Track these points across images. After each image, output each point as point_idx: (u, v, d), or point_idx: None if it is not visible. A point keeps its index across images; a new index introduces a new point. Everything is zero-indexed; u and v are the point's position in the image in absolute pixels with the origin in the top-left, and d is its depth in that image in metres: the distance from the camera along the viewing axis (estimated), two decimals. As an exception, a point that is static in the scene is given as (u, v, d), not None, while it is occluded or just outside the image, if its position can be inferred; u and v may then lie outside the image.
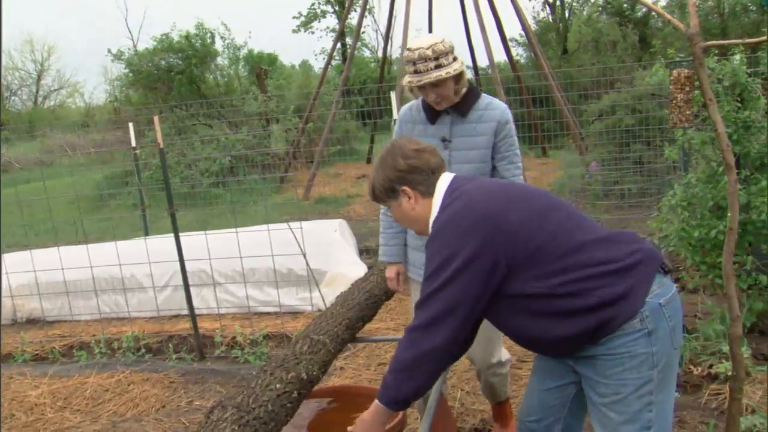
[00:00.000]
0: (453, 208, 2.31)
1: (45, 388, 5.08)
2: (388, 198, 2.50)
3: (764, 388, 3.98)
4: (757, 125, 4.47)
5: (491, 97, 3.31)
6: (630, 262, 2.21)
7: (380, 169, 2.49)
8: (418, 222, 2.49)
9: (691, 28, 2.61)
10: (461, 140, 3.23)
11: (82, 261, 6.17)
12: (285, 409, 2.34)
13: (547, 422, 2.55)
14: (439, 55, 3.01)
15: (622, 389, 2.22)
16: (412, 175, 2.43)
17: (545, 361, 2.55)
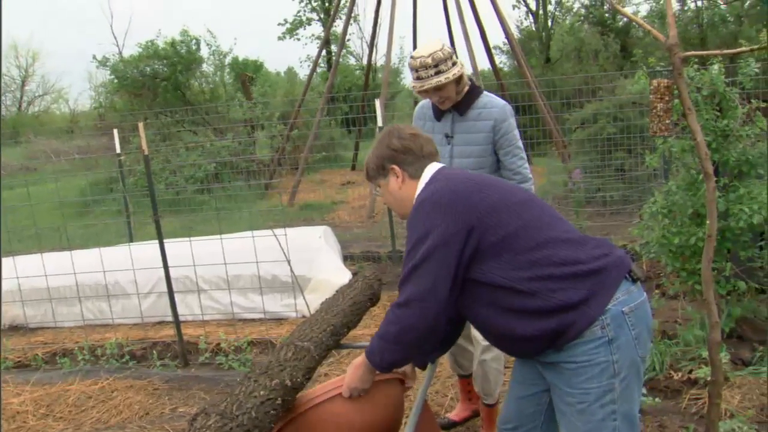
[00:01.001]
0: (434, 186, 2.40)
1: (27, 395, 5.05)
2: (379, 176, 2.59)
3: (743, 392, 4.01)
4: (735, 134, 4.51)
5: (491, 96, 3.56)
6: (593, 267, 2.24)
7: (376, 148, 2.60)
8: (402, 202, 2.56)
9: (670, 39, 2.64)
10: (461, 136, 3.53)
11: (66, 267, 6.14)
12: (269, 416, 2.33)
13: (524, 429, 2.58)
14: (438, 62, 3.29)
15: (586, 398, 2.25)
16: (403, 155, 2.53)
17: (521, 370, 2.58)
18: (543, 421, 2.55)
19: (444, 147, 3.54)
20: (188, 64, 20.51)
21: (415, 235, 2.30)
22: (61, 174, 15.61)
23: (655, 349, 4.49)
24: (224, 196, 12.85)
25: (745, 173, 4.60)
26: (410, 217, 2.38)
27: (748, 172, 4.60)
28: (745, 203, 4.42)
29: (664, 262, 4.82)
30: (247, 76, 20.82)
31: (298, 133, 15.01)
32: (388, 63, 13.98)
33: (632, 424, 2.30)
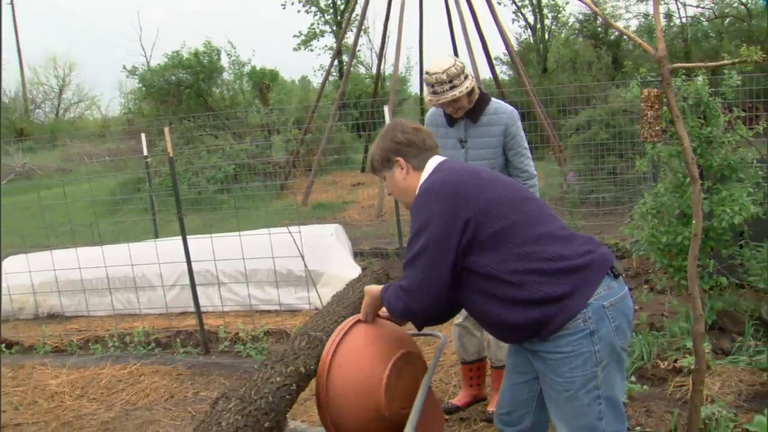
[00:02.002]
0: (436, 177, 2.42)
1: (64, 377, 5.08)
2: (384, 168, 2.58)
3: (723, 380, 4.01)
4: (717, 140, 4.51)
5: (499, 102, 3.69)
6: (579, 263, 2.26)
7: (380, 141, 2.60)
8: (406, 193, 2.55)
9: (659, 52, 2.64)
10: (475, 141, 3.64)
11: (98, 261, 6.18)
12: (284, 401, 2.35)
13: (517, 414, 2.60)
14: (452, 78, 3.40)
15: (571, 385, 2.27)
16: (408, 148, 2.53)
17: (514, 359, 2.59)
18: (535, 407, 2.57)
19: (458, 151, 3.64)
20: (210, 73, 20.53)
21: (418, 222, 2.32)
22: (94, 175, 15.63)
23: (643, 340, 4.49)
24: (242, 196, 12.86)
25: (727, 177, 4.60)
26: (413, 205, 2.40)
27: (729, 176, 4.59)
28: (727, 205, 4.42)
29: (653, 259, 4.82)
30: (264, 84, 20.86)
31: (311, 137, 15.01)
32: (396, 72, 13.97)
33: (616, 407, 2.32)
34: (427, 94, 3.57)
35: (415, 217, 2.35)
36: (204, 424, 2.10)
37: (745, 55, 2.62)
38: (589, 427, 2.30)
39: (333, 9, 29.35)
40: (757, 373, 4.08)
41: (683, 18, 23.99)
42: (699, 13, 23.93)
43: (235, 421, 2.10)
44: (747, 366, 4.18)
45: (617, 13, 25.53)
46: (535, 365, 2.40)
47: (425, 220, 2.30)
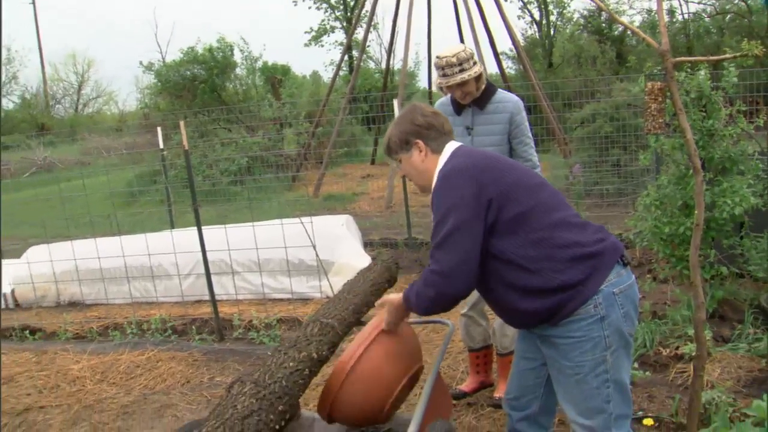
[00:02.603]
0: (458, 160, 2.37)
1: (85, 363, 5.13)
2: (401, 150, 2.53)
3: (722, 366, 4.01)
4: (719, 133, 4.49)
5: (505, 92, 3.70)
6: (593, 250, 2.26)
7: (399, 124, 2.54)
8: (423, 175, 2.51)
9: (663, 46, 2.63)
10: (481, 128, 3.64)
11: (116, 251, 6.22)
12: (297, 385, 2.36)
13: (525, 399, 2.60)
14: (462, 62, 3.44)
15: (581, 369, 2.27)
16: (427, 131, 2.49)
17: (522, 345, 2.59)
18: (543, 392, 2.57)
19: (465, 138, 3.63)
20: (223, 68, 20.56)
21: (444, 205, 2.27)
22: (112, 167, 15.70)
23: (646, 327, 4.50)
24: (255, 188, 12.89)
25: (728, 169, 4.58)
26: (437, 187, 2.34)
27: (730, 168, 4.58)
28: (728, 196, 4.40)
29: (656, 250, 4.80)
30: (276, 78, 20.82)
31: (322, 131, 15.01)
32: (405, 66, 13.94)
33: (624, 390, 2.34)
34: (436, 78, 3.59)
35: (441, 201, 2.30)
36: (220, 407, 2.11)
37: (746, 49, 2.61)
38: (597, 410, 2.30)
39: (343, 5, 29.32)
40: (756, 359, 4.08)
41: (685, 14, 23.87)
42: (701, 9, 23.85)
43: (250, 405, 2.12)
44: (746, 353, 4.18)
45: (621, 9, 25.40)
46: (544, 351, 2.41)
47: (452, 203, 2.25)
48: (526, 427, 2.63)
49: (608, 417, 2.31)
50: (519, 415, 2.63)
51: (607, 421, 2.32)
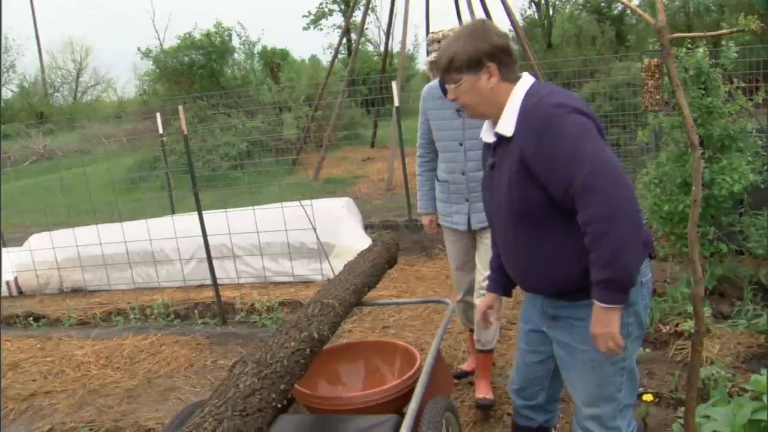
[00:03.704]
0: (555, 94, 2.08)
1: (89, 348, 5.16)
2: (467, 70, 2.16)
3: (722, 342, 4.04)
4: (718, 111, 4.48)
5: None
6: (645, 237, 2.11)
7: (470, 40, 2.16)
8: (489, 102, 2.19)
9: (659, 22, 2.62)
10: None
11: (118, 237, 6.23)
12: (299, 365, 2.38)
13: (531, 391, 2.55)
14: None
15: (599, 355, 2.16)
16: (504, 55, 2.17)
17: (529, 338, 2.48)
18: (547, 384, 2.53)
19: (455, 120, 3.49)
20: (222, 53, 20.48)
21: (572, 132, 1.99)
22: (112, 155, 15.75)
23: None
24: (255, 172, 12.89)
25: (727, 147, 4.58)
26: (549, 119, 2.02)
27: (729, 146, 4.57)
28: (727, 173, 4.41)
29: (655, 228, 4.82)
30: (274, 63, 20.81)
31: (321, 114, 14.99)
32: (404, 49, 13.89)
33: (634, 379, 2.30)
34: (429, 55, 3.43)
35: (565, 130, 1.99)
36: (222, 387, 2.14)
37: (743, 24, 2.60)
38: (608, 398, 2.25)
39: (341, -12, 29.15)
40: (755, 335, 4.11)
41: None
42: (701, -14, 23.68)
43: (252, 384, 2.14)
44: (745, 329, 4.20)
45: (620, -12, 25.23)
46: (558, 336, 2.30)
47: (580, 130, 1.99)
48: (531, 413, 2.60)
49: (617, 406, 2.26)
50: (525, 404, 2.59)
51: (614, 410, 2.27)
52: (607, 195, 1.94)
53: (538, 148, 2.03)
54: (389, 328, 5.13)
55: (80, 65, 41.40)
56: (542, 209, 2.10)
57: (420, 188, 3.90)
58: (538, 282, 2.26)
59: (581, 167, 1.95)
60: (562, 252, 2.13)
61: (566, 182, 1.99)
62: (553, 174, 2.02)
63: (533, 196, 2.09)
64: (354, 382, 3.22)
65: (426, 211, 3.91)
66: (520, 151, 2.08)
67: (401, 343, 3.28)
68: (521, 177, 2.09)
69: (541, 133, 2.02)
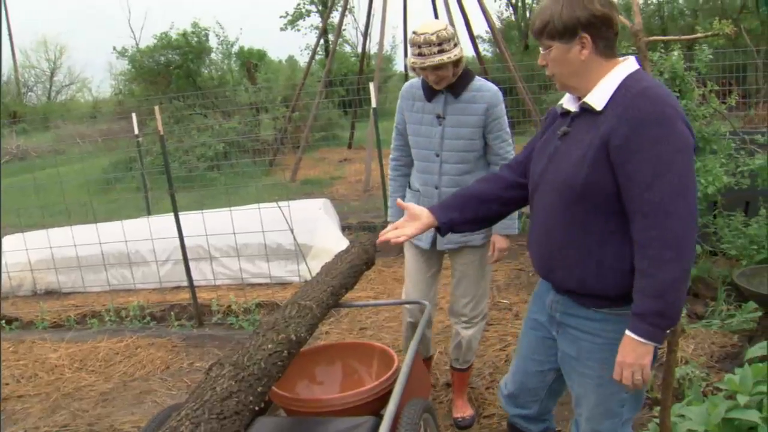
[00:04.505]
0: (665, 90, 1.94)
1: (63, 351, 5.10)
2: (560, 38, 1.98)
3: (696, 342, 4.08)
4: (692, 113, 4.53)
5: (484, 80, 3.31)
6: None
7: (569, 4, 1.95)
8: (578, 74, 2.02)
9: (636, 25, 2.65)
10: (454, 118, 3.24)
11: (93, 238, 6.17)
12: (276, 367, 2.37)
13: (523, 399, 2.48)
14: (442, 41, 3.02)
15: (605, 373, 2.08)
16: (604, 26, 1.96)
17: (531, 347, 2.40)
18: (544, 396, 2.44)
19: (434, 128, 3.27)
20: (198, 53, 20.38)
21: (679, 145, 1.86)
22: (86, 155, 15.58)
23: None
24: (232, 173, 12.83)
25: (701, 149, 4.63)
26: (658, 119, 1.85)
27: (703, 148, 4.63)
28: (702, 175, 4.45)
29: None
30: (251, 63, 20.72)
31: (298, 115, 14.95)
32: (381, 50, 13.89)
33: (639, 395, 2.19)
34: (410, 57, 3.13)
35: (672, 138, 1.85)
36: (199, 390, 2.12)
37: (717, 28, 2.64)
38: (610, 413, 2.17)
39: (319, -11, 29.11)
40: (728, 335, 4.16)
41: (660, -5, 23.99)
42: (675, -9, 23.95)
43: (229, 386, 2.12)
44: (719, 329, 4.25)
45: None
46: (567, 349, 2.20)
47: (685, 144, 1.86)
48: (522, 422, 2.53)
49: (618, 421, 2.19)
50: (515, 411, 2.52)
51: (615, 426, 2.20)
52: (681, 224, 1.84)
53: (628, 139, 1.87)
54: (367, 329, 5.13)
55: (54, 64, 40.99)
56: (605, 197, 1.95)
57: (392, 194, 3.58)
58: (568, 270, 2.09)
59: (667, 185, 1.83)
60: (612, 250, 1.99)
61: (641, 188, 1.86)
62: (632, 172, 1.88)
63: (602, 180, 1.94)
64: (331, 383, 3.21)
65: (394, 220, 3.60)
66: (606, 132, 1.91)
67: (378, 345, 3.27)
68: (599, 156, 1.93)
69: (640, 127, 1.86)
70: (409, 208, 2.37)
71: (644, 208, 1.85)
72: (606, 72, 1.99)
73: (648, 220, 1.85)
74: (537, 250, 2.22)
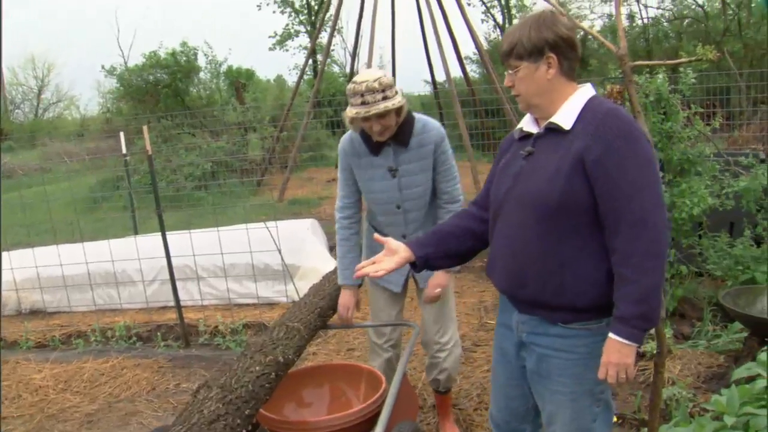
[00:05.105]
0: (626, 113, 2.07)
1: (47, 372, 5.05)
2: (528, 58, 2.08)
3: (683, 363, 4.09)
4: (677, 135, 4.59)
5: (424, 118, 3.17)
6: None
7: (536, 27, 2.07)
8: (542, 93, 2.11)
9: (621, 50, 2.68)
10: (408, 167, 3.12)
11: (79, 258, 6.13)
12: (264, 389, 2.36)
13: (515, 423, 2.47)
14: (385, 88, 2.90)
15: (579, 388, 2.15)
16: (569, 48, 2.09)
17: (506, 372, 2.42)
18: (534, 416, 2.43)
19: (389, 181, 3.13)
20: (187, 72, 20.43)
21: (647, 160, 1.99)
22: (73, 173, 15.51)
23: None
24: (220, 193, 12.80)
25: (686, 170, 4.68)
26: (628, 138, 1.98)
27: (689, 170, 4.68)
28: (687, 197, 4.50)
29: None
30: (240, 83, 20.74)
31: (286, 135, 14.96)
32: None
33: (609, 410, 2.26)
34: (351, 108, 2.94)
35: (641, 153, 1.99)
36: (186, 413, 2.11)
37: (700, 53, 2.67)
38: (583, 429, 2.20)
39: (307, 9, 29.27)
40: (715, 355, 4.18)
41: (645, 19, 24.32)
42: (660, 14, 24.29)
43: (216, 409, 2.12)
44: (705, 349, 4.27)
45: (582, 14, 25.77)
46: (536, 368, 2.23)
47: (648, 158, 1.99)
48: None
49: None
50: None
51: None
52: (658, 233, 1.96)
53: (604, 156, 1.98)
54: (354, 350, 5.11)
55: (42, 82, 40.89)
56: (580, 210, 2.03)
57: (342, 257, 3.32)
58: (541, 283, 2.12)
59: (643, 197, 1.96)
60: (587, 261, 2.06)
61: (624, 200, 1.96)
62: (613, 186, 1.98)
63: (578, 194, 2.02)
64: (319, 405, 3.19)
65: (349, 282, 3.27)
66: (580, 149, 2.01)
67: (366, 366, 3.27)
68: (574, 171, 2.01)
69: (613, 143, 1.97)
70: (388, 243, 2.37)
71: (627, 219, 1.96)
72: (569, 94, 2.11)
73: (631, 230, 1.95)
74: (504, 267, 2.24)
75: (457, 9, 13.68)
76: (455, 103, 11.54)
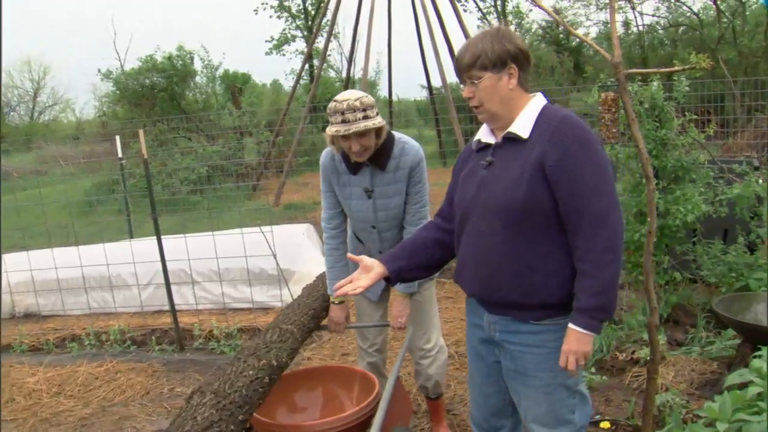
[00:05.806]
0: (579, 119, 2.17)
1: (41, 375, 5.03)
2: (491, 69, 2.18)
3: (676, 369, 4.10)
4: (672, 143, 4.60)
5: (403, 140, 3.17)
6: None
7: (497, 40, 2.18)
8: (503, 103, 2.20)
9: (615, 58, 2.69)
10: (383, 189, 3.14)
11: (74, 261, 6.12)
12: (257, 393, 2.36)
13: (495, 422, 2.53)
14: (366, 107, 2.91)
15: (553, 380, 2.24)
16: (526, 61, 2.21)
17: (480, 371, 2.49)
18: (511, 411, 2.48)
19: (364, 201, 3.17)
20: (183, 76, 20.36)
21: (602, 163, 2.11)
22: (69, 177, 15.48)
23: (603, 333, 4.56)
24: (215, 197, 12.79)
25: (680, 177, 4.69)
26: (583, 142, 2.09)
27: (683, 177, 4.69)
28: (681, 204, 4.51)
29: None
30: (236, 87, 20.74)
31: (282, 140, 14.97)
32: (365, 76, 13.98)
33: (586, 401, 2.35)
34: (332, 126, 2.94)
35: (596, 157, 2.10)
36: (180, 419, 2.10)
37: (694, 62, 2.69)
38: (562, 421, 2.28)
39: (304, 14, 29.28)
40: (708, 362, 4.18)
41: (640, 26, 24.42)
42: (655, 21, 24.40)
43: (210, 416, 2.11)
44: (699, 356, 4.28)
45: (578, 21, 25.86)
46: (511, 365, 2.31)
47: (606, 162, 2.11)
48: None
49: (573, 428, 2.30)
50: None
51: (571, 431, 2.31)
52: (615, 229, 2.09)
53: (561, 160, 2.09)
54: (349, 355, 5.11)
55: (38, 84, 40.85)
56: (543, 213, 2.14)
57: (330, 268, 3.31)
58: (512, 285, 2.21)
59: (600, 198, 2.08)
60: (554, 260, 2.17)
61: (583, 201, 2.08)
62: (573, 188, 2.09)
63: (540, 198, 2.12)
64: (312, 409, 3.19)
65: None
66: (539, 155, 2.12)
67: (360, 369, 3.27)
68: (535, 177, 2.12)
69: (570, 148, 2.09)
70: (362, 261, 2.44)
71: (587, 219, 2.08)
72: (525, 104, 2.22)
73: (591, 228, 2.08)
74: (474, 273, 2.31)
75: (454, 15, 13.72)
76: (451, 108, 11.57)
